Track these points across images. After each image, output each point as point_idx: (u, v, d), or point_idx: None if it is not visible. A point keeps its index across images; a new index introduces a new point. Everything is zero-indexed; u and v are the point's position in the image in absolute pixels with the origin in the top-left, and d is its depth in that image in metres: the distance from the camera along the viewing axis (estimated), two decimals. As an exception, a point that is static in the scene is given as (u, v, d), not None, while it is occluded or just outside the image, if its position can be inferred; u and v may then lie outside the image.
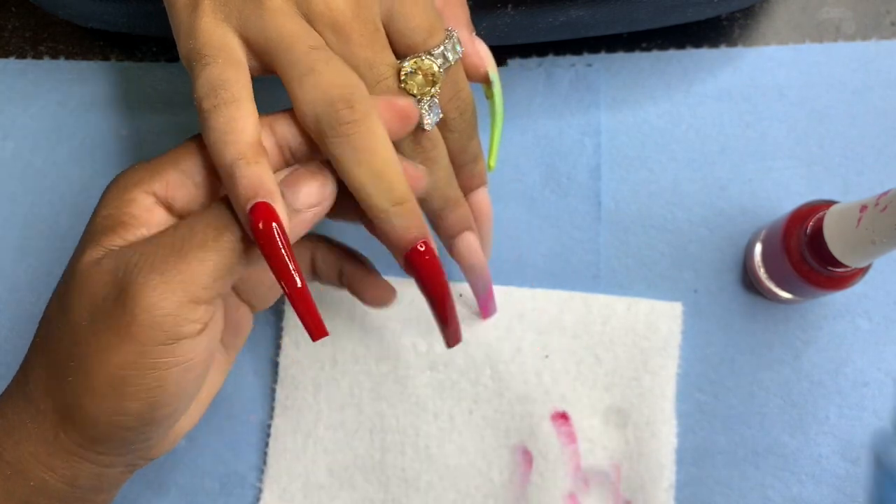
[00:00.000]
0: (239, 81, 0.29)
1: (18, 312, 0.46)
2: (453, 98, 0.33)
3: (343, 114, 0.28)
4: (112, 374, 0.28)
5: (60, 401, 0.29)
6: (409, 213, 0.30)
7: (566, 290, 0.44)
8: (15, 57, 0.49)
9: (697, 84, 0.47)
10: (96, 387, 0.28)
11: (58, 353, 0.29)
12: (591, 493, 0.42)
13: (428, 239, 0.31)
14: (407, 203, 0.30)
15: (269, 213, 0.27)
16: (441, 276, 0.32)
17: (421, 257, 0.31)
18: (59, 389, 0.29)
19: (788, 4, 0.47)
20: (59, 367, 0.29)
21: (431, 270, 0.32)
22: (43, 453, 0.29)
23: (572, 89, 0.47)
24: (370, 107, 0.29)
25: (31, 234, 0.47)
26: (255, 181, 0.27)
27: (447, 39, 0.32)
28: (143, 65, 0.49)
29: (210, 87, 0.28)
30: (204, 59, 0.29)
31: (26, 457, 0.29)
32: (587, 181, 0.46)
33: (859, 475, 0.42)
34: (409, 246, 0.31)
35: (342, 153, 0.28)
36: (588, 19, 0.43)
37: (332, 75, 0.28)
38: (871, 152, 0.45)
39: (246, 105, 0.28)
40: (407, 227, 0.30)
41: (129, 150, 0.48)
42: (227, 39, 0.29)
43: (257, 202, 0.27)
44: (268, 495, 0.43)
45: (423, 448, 0.43)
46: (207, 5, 0.29)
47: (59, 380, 0.29)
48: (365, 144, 0.28)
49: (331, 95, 0.28)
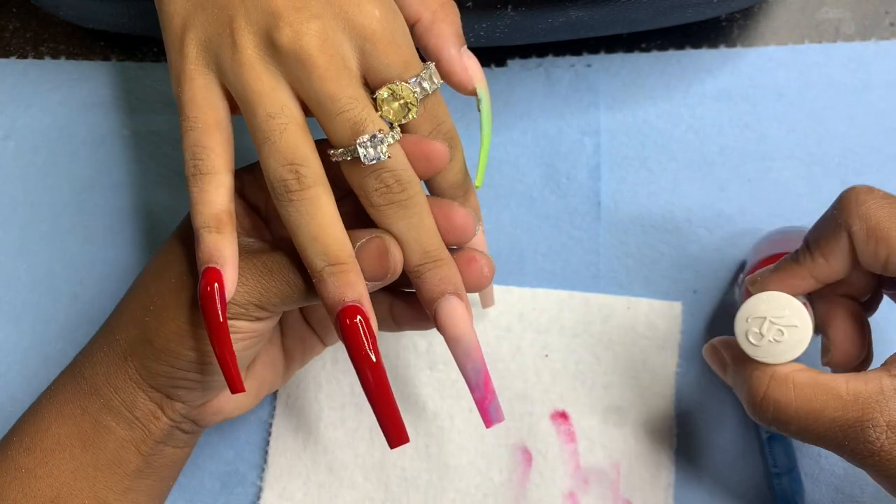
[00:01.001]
0: (215, 149, 0.32)
1: (18, 312, 0.46)
2: (434, 131, 0.33)
3: (290, 183, 0.31)
4: (180, 325, 0.33)
5: (133, 335, 0.34)
6: (344, 276, 0.31)
7: (566, 290, 0.44)
8: (16, 57, 0.49)
9: (697, 84, 0.47)
10: (165, 332, 0.33)
11: (143, 296, 0.35)
12: (591, 491, 0.42)
13: (362, 306, 0.31)
14: (342, 266, 0.31)
15: (216, 277, 0.31)
16: (363, 350, 0.31)
17: (345, 320, 0.31)
18: (134, 324, 0.34)
19: (787, 5, 0.48)
20: (141, 307, 0.35)
21: (354, 339, 0.31)
22: (112, 374, 0.34)
23: (572, 89, 0.47)
24: (317, 176, 0.31)
25: (31, 234, 0.47)
26: (211, 247, 0.32)
27: (423, 71, 0.32)
28: (144, 65, 0.49)
29: (190, 154, 0.32)
30: (187, 120, 0.32)
31: (100, 376, 0.35)
32: (587, 181, 0.46)
33: (859, 475, 0.42)
34: (338, 307, 0.31)
35: (287, 216, 0.31)
36: (587, 20, 0.43)
37: (284, 145, 0.31)
38: (871, 152, 0.45)
39: (218, 177, 0.32)
40: (338, 287, 0.31)
41: (130, 150, 0.48)
42: (208, 93, 0.32)
43: (207, 267, 0.32)
44: (268, 494, 0.43)
45: (423, 447, 0.43)
46: (192, 50, 0.32)
47: (137, 316, 0.34)
48: (307, 210, 0.31)
49: (282, 166, 0.31)
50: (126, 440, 0.35)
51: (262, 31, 0.31)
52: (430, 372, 0.43)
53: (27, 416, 0.36)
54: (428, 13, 0.34)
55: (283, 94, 0.31)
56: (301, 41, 0.30)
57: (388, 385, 0.32)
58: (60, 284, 0.46)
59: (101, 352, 0.35)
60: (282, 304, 0.33)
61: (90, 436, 0.35)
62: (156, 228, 0.47)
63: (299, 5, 0.31)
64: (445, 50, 0.34)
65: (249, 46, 0.31)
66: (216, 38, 0.31)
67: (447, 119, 0.33)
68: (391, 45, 0.31)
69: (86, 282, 0.46)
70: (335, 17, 0.31)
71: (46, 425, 0.35)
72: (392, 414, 0.32)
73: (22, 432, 0.35)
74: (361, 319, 0.31)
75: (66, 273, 0.47)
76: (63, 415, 0.35)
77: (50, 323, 0.46)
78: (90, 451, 0.35)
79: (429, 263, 0.33)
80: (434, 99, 0.33)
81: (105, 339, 0.35)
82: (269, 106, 0.31)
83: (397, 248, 0.32)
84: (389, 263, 0.32)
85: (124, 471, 0.35)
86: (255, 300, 0.33)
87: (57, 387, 0.36)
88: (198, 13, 0.32)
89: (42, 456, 0.34)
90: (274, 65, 0.31)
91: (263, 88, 0.31)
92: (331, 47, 0.31)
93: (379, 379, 0.31)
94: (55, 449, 0.34)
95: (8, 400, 0.45)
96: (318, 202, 0.31)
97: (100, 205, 0.47)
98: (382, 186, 0.32)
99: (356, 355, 0.31)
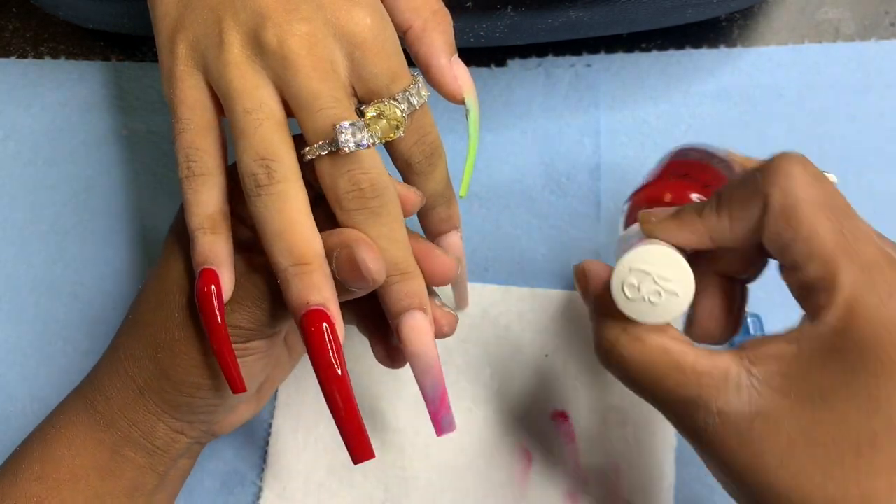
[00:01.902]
0: (208, 151, 0.32)
1: (18, 312, 0.46)
2: (418, 142, 0.33)
3: (260, 177, 0.30)
4: (196, 357, 0.33)
5: (148, 370, 0.34)
6: (310, 276, 0.30)
7: (566, 290, 0.44)
8: (16, 57, 0.49)
9: (697, 84, 0.47)
10: (182, 365, 0.33)
11: (150, 332, 0.34)
12: (591, 492, 0.42)
13: (328, 310, 0.30)
14: (308, 266, 0.30)
15: (212, 279, 0.31)
16: (326, 358, 0.30)
17: (309, 323, 0.30)
18: (148, 360, 0.34)
19: (787, 5, 0.48)
20: (151, 344, 0.34)
21: (318, 346, 0.30)
22: (129, 408, 0.34)
23: (572, 90, 0.47)
24: (288, 171, 0.31)
25: (31, 234, 0.47)
26: (206, 249, 0.32)
27: (412, 84, 0.32)
28: (143, 65, 0.49)
29: (183, 157, 0.32)
30: (179, 122, 0.32)
31: (115, 411, 0.34)
32: (587, 181, 0.46)
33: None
34: (302, 310, 0.30)
35: (255, 212, 0.31)
36: (587, 20, 0.43)
37: (258, 140, 0.30)
38: (871, 152, 0.45)
39: (211, 178, 0.32)
40: (302, 289, 0.30)
41: (130, 149, 0.48)
42: (198, 93, 0.32)
43: (203, 268, 0.32)
44: (268, 493, 0.43)
45: (423, 447, 0.43)
46: (182, 50, 0.32)
47: (149, 353, 0.34)
48: (274, 205, 0.30)
49: (253, 160, 0.30)
50: (145, 466, 0.35)
51: (250, 30, 0.30)
52: (430, 372, 0.43)
53: (35, 444, 0.35)
54: (419, 21, 0.33)
55: (265, 92, 0.31)
56: (289, 42, 0.30)
57: (353, 397, 0.31)
58: (60, 284, 0.46)
59: (112, 386, 0.35)
60: (290, 318, 0.33)
61: (108, 466, 0.34)
62: (155, 228, 0.47)
63: (289, 7, 0.30)
64: (436, 59, 0.33)
65: (236, 45, 0.31)
66: (205, 38, 0.31)
67: (432, 129, 0.33)
68: (381, 54, 0.31)
69: (86, 282, 0.46)
70: (326, 22, 0.31)
71: (59, 456, 0.34)
72: (356, 428, 0.31)
73: (31, 461, 0.34)
74: (327, 326, 0.30)
75: (66, 273, 0.47)
76: (76, 447, 0.34)
77: (50, 323, 0.46)
78: (108, 480, 0.34)
79: (396, 276, 0.32)
80: (420, 111, 0.32)
81: (116, 372, 0.35)
82: (247, 102, 0.30)
83: (376, 254, 0.31)
84: (370, 270, 0.31)
85: (141, 493, 0.35)
86: (265, 319, 0.33)
87: (67, 418, 0.35)
88: (188, 14, 0.32)
89: (55, 486, 0.34)
90: (259, 64, 0.31)
91: (245, 86, 0.30)
92: (320, 51, 0.30)
93: (343, 391, 0.30)
94: (69, 480, 0.34)
95: (8, 400, 0.45)
96: (285, 196, 0.30)
97: (100, 205, 0.47)
98: (355, 189, 0.30)
99: (319, 364, 0.30)
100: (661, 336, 0.30)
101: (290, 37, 0.30)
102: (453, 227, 0.37)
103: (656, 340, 0.30)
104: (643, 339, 0.30)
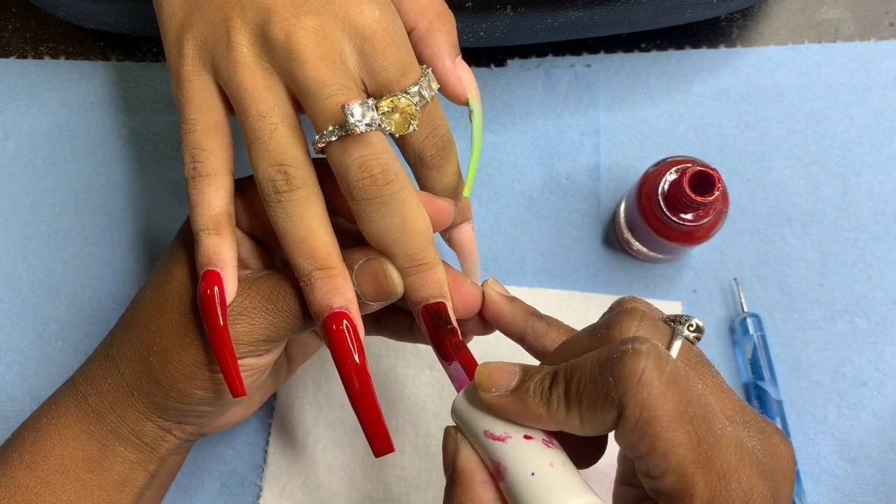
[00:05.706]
0: (214, 151, 0.32)
1: (18, 312, 0.46)
2: (430, 136, 0.32)
3: (279, 184, 0.30)
4: (188, 366, 0.33)
5: (139, 371, 0.34)
6: (332, 281, 0.30)
7: (566, 290, 0.44)
8: (16, 57, 0.49)
9: (696, 84, 0.47)
10: (172, 373, 0.33)
11: (145, 334, 0.34)
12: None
13: (350, 312, 0.31)
14: (331, 270, 0.31)
15: (215, 281, 0.31)
16: (350, 357, 0.30)
17: (332, 325, 0.30)
18: (140, 361, 0.34)
19: (787, 5, 0.48)
20: (144, 346, 0.34)
21: (341, 346, 0.30)
22: (119, 405, 0.34)
23: (571, 89, 0.47)
24: (307, 177, 0.31)
25: (31, 234, 0.47)
26: (210, 251, 0.32)
27: (422, 77, 0.32)
28: (143, 65, 0.49)
29: (189, 157, 0.32)
30: (186, 122, 0.32)
31: (106, 405, 0.34)
32: (587, 181, 0.46)
33: (858, 475, 0.42)
34: (325, 312, 0.30)
35: (275, 218, 0.31)
36: (587, 20, 0.43)
37: (274, 145, 0.30)
38: (870, 152, 0.45)
39: (217, 179, 0.32)
40: (326, 293, 0.30)
41: (129, 149, 0.48)
42: (206, 94, 0.32)
43: (207, 270, 0.31)
44: (268, 493, 0.43)
45: (423, 447, 0.43)
46: (189, 51, 0.32)
47: (141, 354, 0.34)
48: (295, 212, 0.31)
49: (271, 166, 0.30)
50: (134, 462, 0.35)
51: (258, 28, 0.30)
52: (429, 372, 0.43)
53: (26, 433, 0.35)
54: (424, 22, 0.34)
55: (277, 94, 0.31)
56: (296, 35, 0.30)
57: (374, 393, 0.31)
58: (60, 284, 0.46)
59: (104, 382, 0.34)
60: (289, 333, 0.33)
61: (96, 459, 0.34)
62: (155, 229, 0.47)
63: (297, 2, 0.30)
64: (440, 60, 0.33)
65: (244, 44, 0.31)
66: (212, 37, 0.31)
67: (443, 123, 0.33)
68: (390, 47, 0.31)
69: (86, 282, 0.46)
70: (334, 15, 0.31)
71: (49, 445, 0.34)
72: (378, 423, 0.31)
73: (22, 450, 0.34)
74: (348, 325, 0.30)
75: (66, 273, 0.47)
76: (66, 437, 0.34)
77: (50, 323, 0.46)
78: (96, 472, 0.34)
79: (413, 268, 0.31)
80: (431, 104, 0.32)
81: (108, 369, 0.35)
82: (260, 105, 0.30)
83: (394, 271, 0.31)
84: (387, 286, 0.31)
85: (131, 488, 0.35)
86: (263, 337, 0.32)
87: (59, 407, 0.35)
88: (195, 14, 0.32)
89: (44, 475, 0.34)
90: (268, 62, 0.31)
91: (256, 87, 0.31)
92: (328, 43, 0.30)
93: (365, 387, 0.31)
94: (58, 469, 0.34)
95: (8, 400, 0.45)
96: (306, 204, 0.31)
97: (99, 205, 0.47)
98: (366, 177, 0.30)
99: (342, 362, 0.31)
100: (490, 490, 0.28)
101: (298, 30, 0.30)
102: (465, 219, 0.37)
103: (487, 495, 0.28)
104: (476, 486, 0.28)
